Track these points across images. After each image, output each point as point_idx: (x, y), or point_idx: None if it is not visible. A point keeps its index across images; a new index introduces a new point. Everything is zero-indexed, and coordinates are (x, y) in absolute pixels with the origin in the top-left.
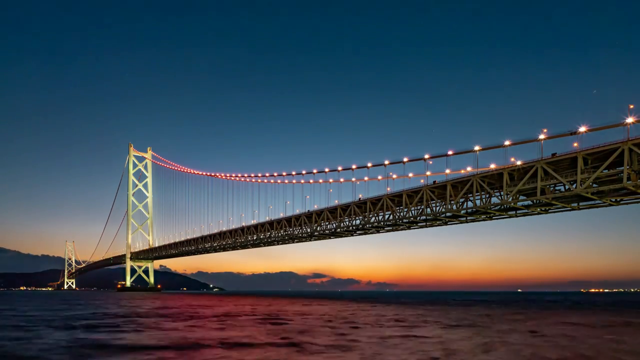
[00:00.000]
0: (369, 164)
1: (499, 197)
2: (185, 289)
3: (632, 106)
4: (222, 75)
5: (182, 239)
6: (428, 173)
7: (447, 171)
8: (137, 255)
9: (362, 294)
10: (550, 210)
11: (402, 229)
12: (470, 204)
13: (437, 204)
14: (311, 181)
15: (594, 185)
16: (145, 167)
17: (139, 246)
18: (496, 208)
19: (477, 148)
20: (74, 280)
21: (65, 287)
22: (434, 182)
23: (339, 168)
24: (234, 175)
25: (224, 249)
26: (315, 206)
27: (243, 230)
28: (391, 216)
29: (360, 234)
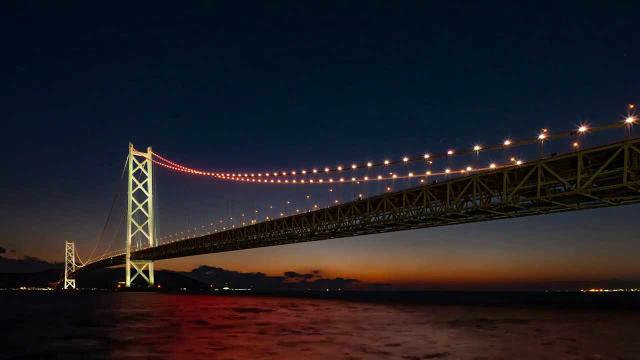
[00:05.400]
0: (369, 164)
1: (499, 197)
2: (185, 289)
3: (632, 106)
4: (222, 75)
5: (182, 239)
6: (428, 173)
7: (447, 171)
8: (137, 255)
9: (360, 294)
10: (550, 210)
11: (402, 229)
12: (470, 203)
13: (437, 204)
14: (311, 181)
15: (594, 185)
16: (145, 167)
17: (139, 246)
18: (496, 208)
19: (477, 148)
20: (74, 280)
21: (65, 287)
22: (434, 182)
23: (339, 168)
24: (234, 175)
25: (224, 249)
26: (315, 206)
27: (243, 230)
28: (391, 216)
29: (360, 234)
